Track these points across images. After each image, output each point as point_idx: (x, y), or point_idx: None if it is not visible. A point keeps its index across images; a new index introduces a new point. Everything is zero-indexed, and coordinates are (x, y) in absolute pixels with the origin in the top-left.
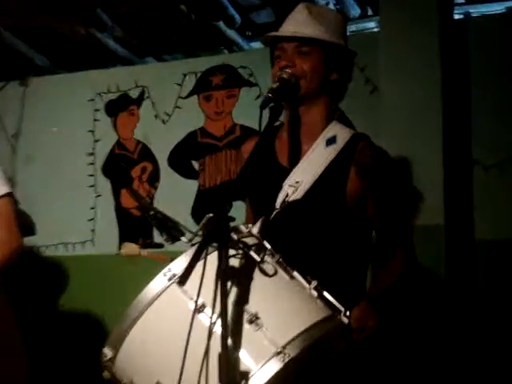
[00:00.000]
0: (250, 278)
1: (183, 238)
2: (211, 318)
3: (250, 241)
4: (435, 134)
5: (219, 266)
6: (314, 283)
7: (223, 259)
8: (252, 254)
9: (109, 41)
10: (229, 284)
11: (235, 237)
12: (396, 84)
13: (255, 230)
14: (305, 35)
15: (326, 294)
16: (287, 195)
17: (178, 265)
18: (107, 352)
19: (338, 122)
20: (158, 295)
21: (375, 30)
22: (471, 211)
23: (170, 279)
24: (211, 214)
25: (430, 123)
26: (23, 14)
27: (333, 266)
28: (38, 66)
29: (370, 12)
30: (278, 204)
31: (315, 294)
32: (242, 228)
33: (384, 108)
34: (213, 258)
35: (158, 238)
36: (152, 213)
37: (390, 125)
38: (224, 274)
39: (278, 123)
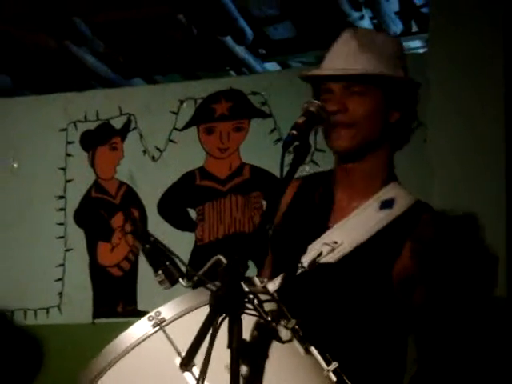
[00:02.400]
0: (263, 347)
1: (182, 281)
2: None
3: (263, 297)
4: (496, 184)
5: (230, 344)
6: (335, 365)
7: (234, 337)
8: (261, 312)
9: (87, 57)
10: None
11: (246, 288)
12: (447, 119)
13: (271, 286)
14: (356, 72)
15: (346, 380)
16: (320, 254)
17: (170, 309)
18: None
19: (398, 184)
20: (139, 343)
21: (420, 50)
22: None
23: (156, 325)
24: (223, 260)
25: (489, 169)
26: None
27: (360, 350)
28: None
29: (414, 28)
30: (305, 262)
31: (333, 378)
32: (256, 281)
33: (432, 149)
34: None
35: (141, 304)
36: (151, 242)
37: (439, 170)
38: (235, 352)
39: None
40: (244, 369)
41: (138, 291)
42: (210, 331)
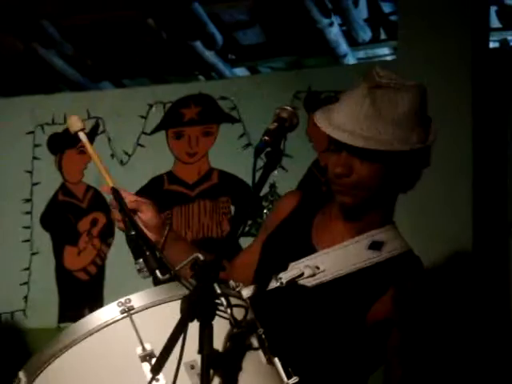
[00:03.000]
0: (224, 345)
1: (158, 273)
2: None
3: (235, 301)
4: (464, 202)
5: (200, 350)
6: (295, 379)
7: (205, 343)
8: (228, 314)
9: (55, 59)
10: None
11: (219, 290)
12: None
13: (246, 292)
14: (365, 146)
15: None
16: (301, 275)
17: (140, 298)
18: (22, 377)
19: (394, 228)
20: (104, 326)
21: (389, 57)
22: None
23: (124, 311)
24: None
25: (458, 188)
26: None
27: (323, 370)
28: None
29: (383, 36)
30: (284, 278)
31: None
32: (231, 284)
33: None
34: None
35: None
36: (133, 232)
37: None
38: (207, 359)
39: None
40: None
41: (105, 295)
42: (181, 336)
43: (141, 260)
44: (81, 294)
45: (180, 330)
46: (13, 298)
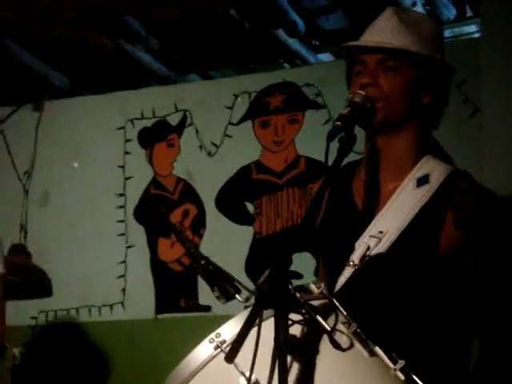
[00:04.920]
0: (318, 352)
1: (238, 297)
2: None
3: (320, 304)
4: None
5: (276, 339)
6: (401, 363)
7: (281, 330)
8: (321, 320)
9: (142, 55)
10: (290, 359)
11: (301, 298)
12: (503, 104)
13: (327, 290)
14: (394, 46)
15: (415, 377)
16: (368, 248)
17: (229, 329)
18: None
19: (432, 157)
20: (203, 366)
21: (476, 35)
22: None
23: (217, 347)
24: (269, 271)
25: None
26: (35, 23)
27: (426, 341)
28: (55, 87)
29: (469, 13)
30: (356, 259)
31: (402, 377)
32: (313, 287)
33: (488, 135)
34: (271, 326)
35: (203, 298)
36: (203, 262)
37: (495, 156)
38: (282, 348)
39: (358, 158)
40: (296, 366)
41: (199, 286)
42: (256, 324)
43: (216, 288)
44: (176, 285)
45: (253, 318)
46: (111, 290)
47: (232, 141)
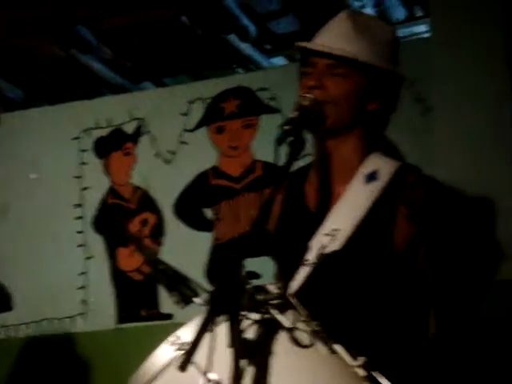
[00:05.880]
0: (277, 351)
1: (197, 300)
2: None
3: (279, 303)
4: (506, 164)
5: (230, 343)
6: (362, 360)
7: (234, 333)
8: (280, 318)
9: (95, 64)
10: (248, 359)
11: (259, 298)
12: (455, 102)
13: (286, 290)
14: (344, 53)
15: (376, 374)
16: (323, 246)
17: (188, 332)
18: None
19: (380, 154)
20: (164, 368)
21: (426, 35)
22: None
23: (178, 349)
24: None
25: (498, 152)
26: None
27: (385, 336)
28: (9, 99)
29: (418, 13)
30: (311, 257)
31: (362, 373)
32: (270, 287)
33: (440, 133)
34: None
35: (164, 307)
36: (162, 267)
37: (447, 155)
38: (236, 350)
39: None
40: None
41: (160, 294)
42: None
43: (175, 293)
44: (137, 294)
45: (206, 325)
46: (72, 302)
47: (188, 147)
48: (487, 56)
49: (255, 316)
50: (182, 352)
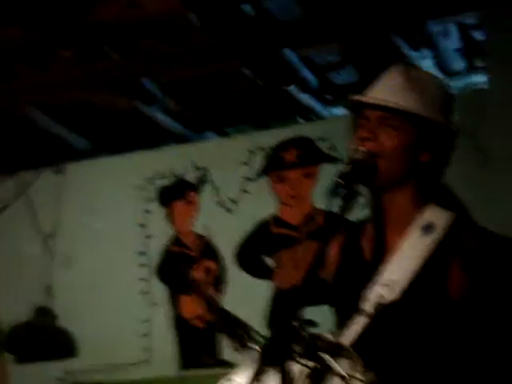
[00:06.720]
0: None
1: (254, 347)
2: None
3: (335, 352)
4: None
5: None
6: None
7: None
8: (336, 366)
9: (159, 115)
10: None
11: (315, 345)
12: None
13: (343, 339)
14: (396, 106)
15: None
16: (381, 296)
17: (242, 374)
18: None
19: (435, 205)
20: None
21: (485, 85)
22: None
23: None
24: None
25: None
26: (54, 89)
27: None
28: (75, 150)
29: (477, 63)
30: (368, 307)
31: None
32: (327, 336)
33: (500, 183)
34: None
35: (225, 353)
36: (223, 314)
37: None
38: None
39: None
40: None
41: (221, 341)
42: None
43: (234, 340)
44: (199, 341)
45: (258, 374)
46: (136, 348)
47: (249, 196)
48: None
49: (310, 363)
50: None
